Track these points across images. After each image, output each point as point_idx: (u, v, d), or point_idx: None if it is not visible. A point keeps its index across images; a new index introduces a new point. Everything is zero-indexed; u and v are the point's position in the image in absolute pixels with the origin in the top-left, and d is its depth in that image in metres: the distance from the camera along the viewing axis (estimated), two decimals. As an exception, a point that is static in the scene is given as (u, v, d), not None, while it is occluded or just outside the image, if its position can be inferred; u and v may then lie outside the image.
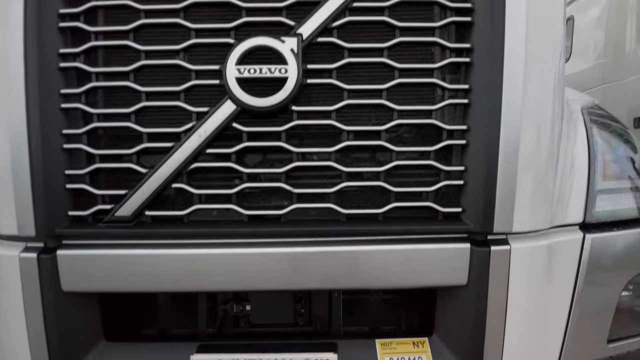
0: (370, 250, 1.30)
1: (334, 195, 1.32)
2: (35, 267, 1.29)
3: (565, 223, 1.44)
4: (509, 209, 1.29)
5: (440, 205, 1.32)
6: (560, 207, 1.44)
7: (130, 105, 1.32)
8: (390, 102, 1.32)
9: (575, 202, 1.49)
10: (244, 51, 1.28)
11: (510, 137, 1.29)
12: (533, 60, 1.30)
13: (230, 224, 1.32)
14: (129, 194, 1.30)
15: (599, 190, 1.55)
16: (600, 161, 1.61)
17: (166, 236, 1.32)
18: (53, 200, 1.31)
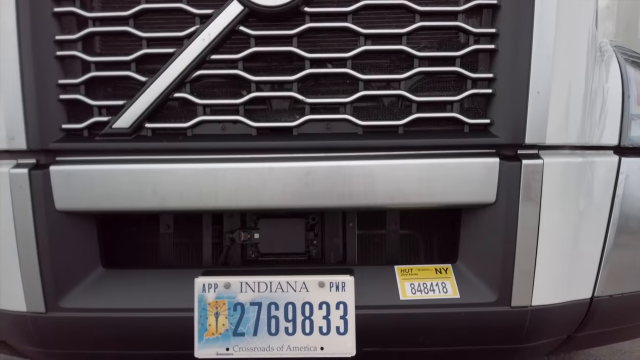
0: (390, 164, 1.19)
1: (350, 106, 1.21)
2: (26, 184, 1.19)
3: (600, 144, 1.32)
4: (542, 119, 1.18)
5: (466, 116, 1.21)
6: (594, 129, 1.33)
7: (128, 9, 1.21)
8: (411, 2, 1.20)
9: (610, 126, 1.37)
10: (251, -54, 1.17)
11: (543, 41, 1.17)
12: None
13: (237, 137, 1.22)
14: (128, 105, 1.19)
15: (634, 115, 1.43)
16: (634, 88, 1.50)
17: (168, 150, 1.21)
18: (46, 113, 1.20)
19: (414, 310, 1.19)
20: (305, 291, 1.17)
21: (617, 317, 1.34)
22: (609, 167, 1.30)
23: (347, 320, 1.16)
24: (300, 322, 1.16)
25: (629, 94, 1.47)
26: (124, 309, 1.20)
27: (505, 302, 1.19)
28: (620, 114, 1.40)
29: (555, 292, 1.22)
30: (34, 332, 1.22)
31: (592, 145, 1.31)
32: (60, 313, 1.20)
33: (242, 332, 1.16)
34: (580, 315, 1.26)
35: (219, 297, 1.17)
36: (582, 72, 1.24)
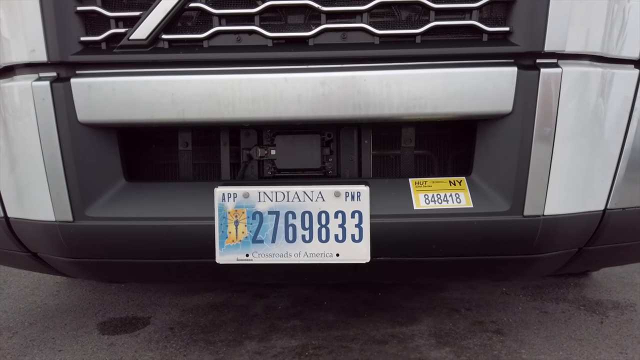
0: (407, 74, 1.18)
1: (367, 14, 1.19)
2: (49, 96, 1.22)
3: (621, 56, 1.29)
4: (562, 26, 1.15)
5: (485, 24, 1.19)
6: (616, 40, 1.29)
7: None
8: None
9: (633, 38, 1.33)
10: None
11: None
12: None
13: (253, 48, 1.22)
14: (144, 16, 1.20)
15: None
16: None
17: (185, 62, 1.22)
18: (64, 25, 1.21)
19: (427, 219, 1.21)
20: (321, 200, 1.20)
21: (630, 232, 1.35)
22: (629, 79, 1.28)
23: (362, 228, 1.19)
24: (316, 230, 1.20)
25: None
26: (148, 217, 1.25)
27: (518, 211, 1.20)
28: None
29: (568, 202, 1.23)
30: (63, 241, 1.28)
31: (613, 57, 1.28)
32: (86, 222, 1.26)
33: (261, 239, 1.20)
34: (592, 227, 1.28)
35: (239, 206, 1.21)
36: None
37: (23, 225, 1.33)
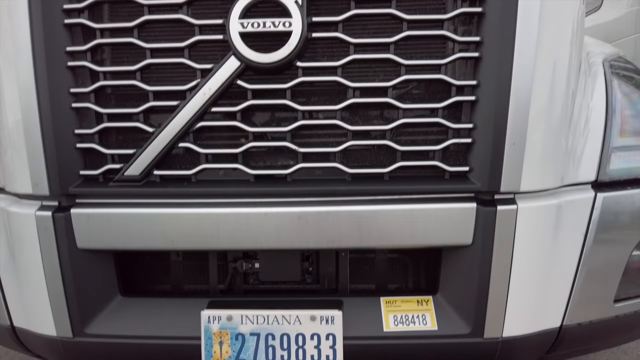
0: (376, 210, 1.30)
1: (339, 154, 1.31)
2: (51, 225, 1.34)
3: (576, 182, 1.41)
4: (517, 168, 1.27)
5: (447, 164, 1.30)
6: (572, 165, 1.40)
7: (136, 63, 1.31)
8: (398, 56, 1.28)
9: (589, 160, 1.44)
10: (247, 4, 1.24)
11: (521, 94, 1.25)
12: (549, 10, 1.24)
13: (236, 183, 1.33)
14: (137, 154, 1.32)
15: (615, 148, 1.50)
16: (618, 116, 1.55)
17: (174, 195, 1.34)
18: (65, 160, 1.33)
19: (396, 341, 1.32)
20: (298, 324, 1.31)
21: (585, 341, 1.46)
22: (583, 204, 1.39)
23: (336, 350, 1.30)
24: (294, 351, 1.31)
25: (612, 124, 1.53)
26: (140, 336, 1.36)
27: (479, 333, 1.31)
28: (600, 148, 1.47)
29: (525, 323, 1.34)
30: (64, 354, 1.40)
31: (569, 183, 1.39)
32: (85, 338, 1.37)
33: (243, 358, 1.32)
34: (549, 341, 1.39)
35: (223, 328, 1.32)
36: (559, 121, 1.31)
37: (28, 335, 1.44)
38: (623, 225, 1.44)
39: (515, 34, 1.23)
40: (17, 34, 1.30)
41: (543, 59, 1.25)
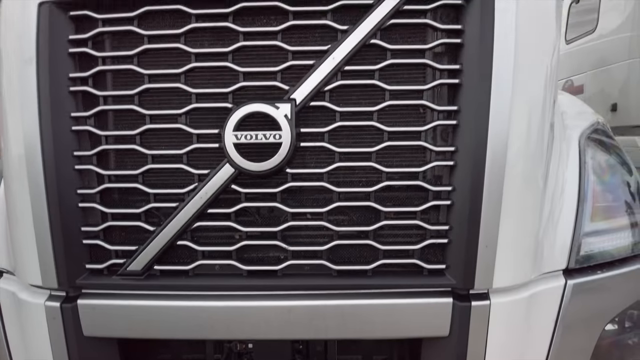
0: (360, 304, 1.40)
1: (326, 252, 1.42)
2: (59, 315, 1.45)
3: (547, 271, 1.51)
4: (489, 268, 1.37)
5: (425, 262, 1.41)
6: (543, 255, 1.51)
7: (138, 167, 1.42)
8: (379, 164, 1.39)
9: (560, 247, 1.55)
10: (241, 117, 1.36)
11: (492, 199, 1.36)
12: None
13: (230, 277, 1.44)
14: (139, 250, 1.42)
15: (586, 233, 1.60)
16: (590, 201, 1.65)
17: (173, 288, 1.44)
18: (72, 254, 1.44)
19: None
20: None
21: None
22: (554, 292, 1.50)
23: None
24: None
25: (584, 209, 1.64)
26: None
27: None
28: (571, 235, 1.58)
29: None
30: None
31: (540, 274, 1.50)
32: (90, 418, 1.48)
33: None
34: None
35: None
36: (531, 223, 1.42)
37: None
38: (592, 309, 1.55)
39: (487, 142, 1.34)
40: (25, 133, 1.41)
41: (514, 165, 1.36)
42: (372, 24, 1.36)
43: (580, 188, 1.65)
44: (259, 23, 1.42)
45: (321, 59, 1.37)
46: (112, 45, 1.46)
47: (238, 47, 1.39)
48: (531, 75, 1.41)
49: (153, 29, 1.42)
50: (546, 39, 1.47)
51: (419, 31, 1.41)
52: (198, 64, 1.41)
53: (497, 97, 1.34)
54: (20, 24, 1.43)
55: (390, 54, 1.38)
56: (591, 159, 1.74)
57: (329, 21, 1.38)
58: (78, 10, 1.43)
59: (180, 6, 1.40)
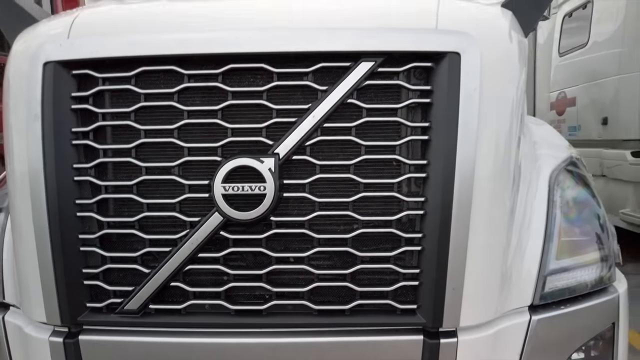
0: (338, 341, 1.53)
1: (307, 292, 1.54)
2: (62, 350, 1.57)
3: (513, 308, 1.64)
4: (456, 308, 1.50)
5: (398, 302, 1.53)
6: (509, 292, 1.63)
7: (135, 215, 1.55)
8: (355, 213, 1.51)
9: (526, 285, 1.67)
10: (229, 170, 1.48)
11: (459, 245, 1.48)
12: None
13: (219, 315, 1.57)
14: (136, 291, 1.55)
15: (551, 270, 1.73)
16: (556, 240, 1.77)
17: (167, 325, 1.57)
18: (74, 294, 1.57)
19: None
20: None
21: None
22: (519, 328, 1.62)
23: None
24: None
25: (550, 247, 1.76)
26: None
27: None
28: (537, 272, 1.70)
29: None
30: None
31: (506, 311, 1.62)
32: None
33: None
34: None
35: None
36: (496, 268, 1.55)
37: None
38: (555, 343, 1.67)
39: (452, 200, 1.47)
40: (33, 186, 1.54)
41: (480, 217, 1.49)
42: (349, 85, 1.49)
43: (547, 226, 1.77)
44: (246, 82, 1.55)
45: (302, 117, 1.50)
46: (111, 102, 1.59)
47: (227, 105, 1.52)
48: (495, 124, 1.54)
49: (149, 87, 1.55)
50: (510, 86, 1.59)
51: (393, 90, 1.53)
52: (190, 120, 1.54)
53: (462, 150, 1.47)
54: (26, 81, 1.56)
55: (366, 112, 1.51)
56: (560, 197, 1.86)
57: (310, 82, 1.51)
58: (80, 69, 1.56)
59: (174, 67, 1.53)
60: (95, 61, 1.55)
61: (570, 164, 2.02)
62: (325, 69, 1.51)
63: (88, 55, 1.55)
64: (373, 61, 1.49)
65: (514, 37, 1.65)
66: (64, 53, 1.55)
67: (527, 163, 1.87)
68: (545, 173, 1.91)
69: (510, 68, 1.61)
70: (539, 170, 1.92)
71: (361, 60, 1.49)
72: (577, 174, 2.02)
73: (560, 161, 2.01)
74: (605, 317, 1.79)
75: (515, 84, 1.62)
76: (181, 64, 1.53)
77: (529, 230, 1.74)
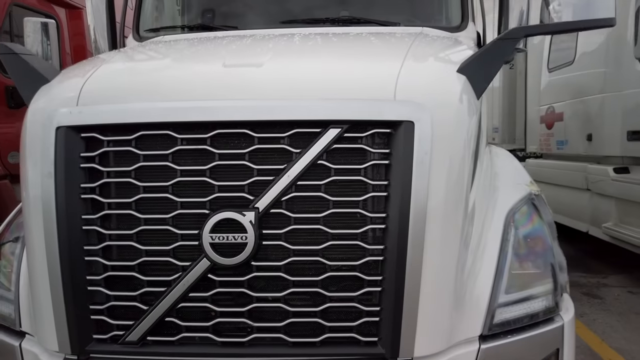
0: (308, 373, 1.78)
1: (283, 327, 1.79)
2: (73, 377, 1.83)
3: (464, 338, 1.88)
4: (410, 340, 1.74)
5: (361, 335, 1.78)
6: (461, 324, 1.87)
7: (135, 260, 1.80)
8: (324, 258, 1.76)
9: (476, 317, 1.91)
10: (215, 222, 1.73)
11: (413, 286, 1.73)
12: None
13: (208, 346, 1.81)
14: (135, 325, 1.80)
15: (499, 304, 1.97)
16: (506, 276, 2.01)
17: (162, 354, 1.82)
18: (82, 327, 1.82)
19: None
20: None
21: None
22: (469, 356, 1.86)
23: None
24: None
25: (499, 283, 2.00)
26: None
27: None
28: (486, 307, 1.94)
29: None
30: None
31: (458, 341, 1.87)
32: None
33: None
34: None
35: None
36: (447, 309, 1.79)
37: None
38: (500, 370, 1.92)
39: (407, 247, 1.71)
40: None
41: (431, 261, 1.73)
42: (319, 148, 1.74)
43: (499, 262, 2.01)
44: (231, 145, 1.80)
45: (279, 175, 1.75)
46: (115, 161, 1.84)
47: (214, 165, 1.77)
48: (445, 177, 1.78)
49: (147, 149, 1.80)
50: (459, 140, 1.84)
51: (357, 152, 1.78)
52: (182, 178, 1.79)
53: (415, 204, 1.72)
54: (41, 143, 1.82)
55: (334, 171, 1.76)
56: (513, 236, 2.10)
57: (286, 145, 1.76)
58: (88, 133, 1.81)
59: (169, 131, 1.78)
60: (101, 126, 1.81)
61: (527, 203, 2.25)
62: (298, 134, 1.76)
63: (94, 121, 1.80)
64: (340, 128, 1.74)
65: (465, 99, 1.91)
66: (74, 119, 1.81)
67: (484, 194, 2.12)
68: (501, 210, 2.15)
69: (460, 125, 1.86)
70: (496, 205, 2.17)
71: (329, 127, 1.74)
72: (533, 213, 2.25)
73: (517, 199, 2.24)
74: (549, 345, 2.03)
75: (464, 138, 1.87)
76: (175, 129, 1.78)
77: (482, 266, 1.98)
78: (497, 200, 2.23)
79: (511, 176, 2.57)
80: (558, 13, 2.19)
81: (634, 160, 6.26)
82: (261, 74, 1.90)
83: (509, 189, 2.36)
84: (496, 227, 2.10)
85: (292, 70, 1.98)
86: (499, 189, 2.36)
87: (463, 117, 1.88)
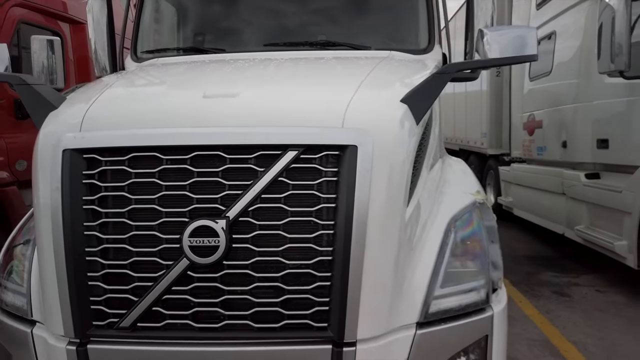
0: (273, 349, 2.15)
1: (249, 315, 2.16)
2: (75, 355, 2.20)
3: (402, 324, 2.25)
4: (354, 325, 2.11)
5: (314, 321, 2.14)
6: (400, 312, 2.24)
7: (127, 259, 2.18)
8: (284, 258, 2.13)
9: (414, 307, 2.29)
10: (193, 228, 2.11)
11: (356, 281, 2.10)
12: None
13: (188, 330, 2.19)
14: (127, 313, 2.17)
15: (435, 297, 2.34)
16: (442, 274, 2.39)
17: (151, 338, 2.19)
18: (84, 315, 2.19)
19: None
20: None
21: None
22: (406, 340, 2.24)
23: None
24: None
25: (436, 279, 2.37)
26: None
27: None
28: (423, 298, 2.32)
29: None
30: None
31: (398, 326, 2.24)
32: None
33: None
34: None
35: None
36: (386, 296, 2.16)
37: None
38: (434, 351, 2.29)
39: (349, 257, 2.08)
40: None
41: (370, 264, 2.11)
42: (279, 167, 2.12)
43: (436, 261, 2.39)
44: (207, 164, 2.17)
45: (246, 190, 2.12)
46: (111, 177, 2.21)
47: (193, 181, 2.15)
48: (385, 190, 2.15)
49: (138, 167, 2.18)
50: (398, 160, 2.22)
51: (311, 171, 2.15)
52: (166, 192, 2.16)
53: (357, 213, 2.09)
54: (50, 162, 2.20)
55: (292, 187, 2.13)
56: (452, 240, 2.48)
57: (252, 165, 2.14)
58: (89, 154, 2.19)
59: (155, 153, 2.16)
60: (100, 149, 2.18)
61: (470, 211, 2.62)
62: (263, 156, 2.13)
63: (95, 145, 2.18)
64: (297, 150, 2.12)
65: (405, 125, 2.29)
66: (77, 143, 2.19)
67: (431, 198, 2.49)
68: (445, 215, 2.53)
69: (399, 147, 2.24)
70: (440, 209, 2.55)
71: (288, 150, 2.12)
72: (473, 218, 2.62)
73: (462, 207, 2.62)
74: (478, 331, 2.40)
75: (403, 157, 2.25)
76: (161, 151, 2.16)
77: (421, 263, 2.36)
78: (443, 205, 2.61)
79: (459, 185, 2.95)
80: (490, 49, 2.56)
81: (603, 167, 6.63)
82: (235, 104, 2.28)
83: (456, 196, 2.74)
84: (438, 229, 2.48)
85: (261, 100, 2.36)
86: (447, 195, 2.74)
87: (402, 140, 2.26)
